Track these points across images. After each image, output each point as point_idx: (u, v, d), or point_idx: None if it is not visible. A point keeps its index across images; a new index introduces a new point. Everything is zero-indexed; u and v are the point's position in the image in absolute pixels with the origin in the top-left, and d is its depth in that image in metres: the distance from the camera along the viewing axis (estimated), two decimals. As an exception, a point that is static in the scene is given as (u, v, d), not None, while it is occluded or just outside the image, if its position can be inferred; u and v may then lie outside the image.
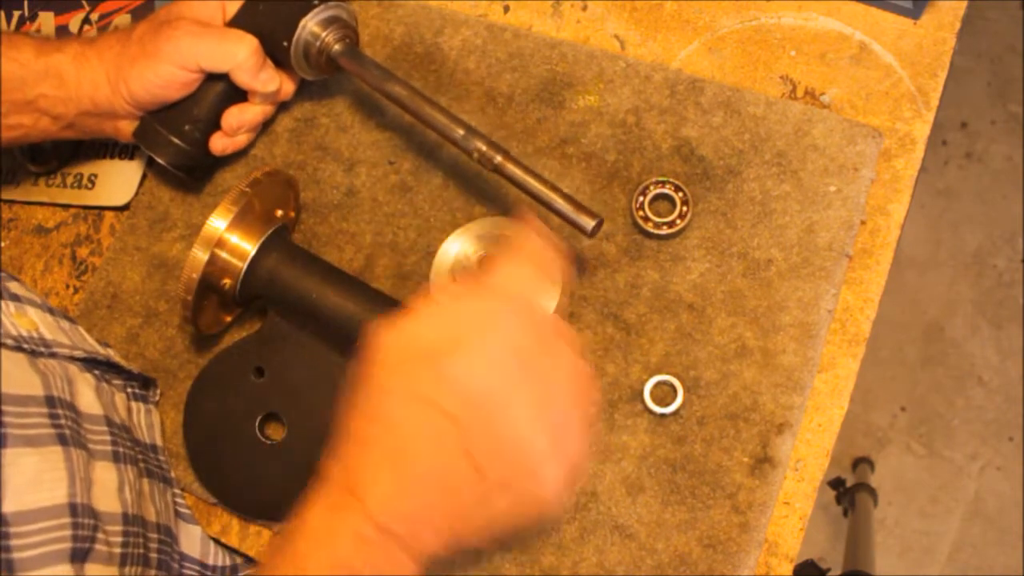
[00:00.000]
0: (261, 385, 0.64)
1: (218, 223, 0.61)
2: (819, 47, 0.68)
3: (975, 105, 1.83)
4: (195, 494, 0.67)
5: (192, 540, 0.65)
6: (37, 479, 0.48)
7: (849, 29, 0.68)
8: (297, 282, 0.63)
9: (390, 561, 0.44)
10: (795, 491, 0.59)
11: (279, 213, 0.67)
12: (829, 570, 1.31)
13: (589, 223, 0.56)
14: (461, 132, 0.61)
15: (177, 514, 0.65)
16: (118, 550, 0.53)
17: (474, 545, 0.46)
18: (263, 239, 0.63)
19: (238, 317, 0.70)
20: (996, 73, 1.84)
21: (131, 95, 0.66)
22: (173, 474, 0.67)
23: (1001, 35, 1.85)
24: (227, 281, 0.63)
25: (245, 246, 0.63)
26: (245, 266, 0.63)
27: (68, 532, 0.48)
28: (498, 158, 0.59)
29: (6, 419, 0.48)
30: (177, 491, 0.66)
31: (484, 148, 0.60)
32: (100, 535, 0.51)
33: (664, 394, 0.61)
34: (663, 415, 0.60)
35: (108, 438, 0.57)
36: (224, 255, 0.62)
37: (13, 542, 0.45)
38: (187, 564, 0.64)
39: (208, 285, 0.62)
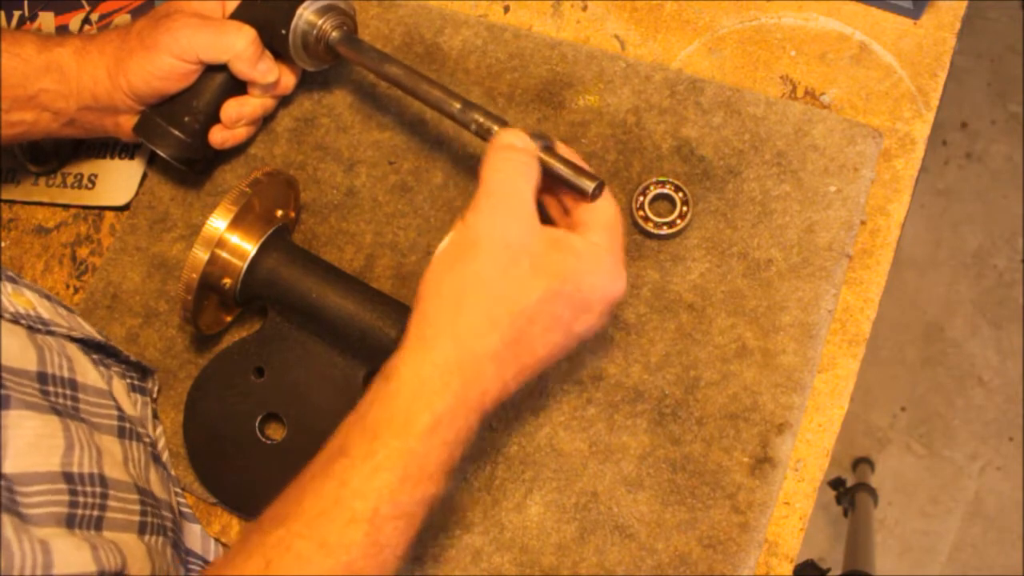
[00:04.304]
0: (261, 385, 0.64)
1: (218, 223, 0.61)
2: (819, 47, 0.68)
3: (975, 105, 1.83)
4: (195, 494, 0.67)
5: (194, 538, 0.65)
6: (36, 444, 0.48)
7: (849, 29, 0.68)
8: (297, 282, 0.63)
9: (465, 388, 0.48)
10: (795, 491, 0.59)
11: (279, 213, 0.67)
12: (829, 570, 1.31)
13: (589, 186, 0.56)
14: (458, 106, 0.61)
15: (179, 512, 0.65)
16: (136, 518, 0.53)
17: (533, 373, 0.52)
18: (263, 239, 0.63)
19: (238, 317, 0.70)
20: (996, 73, 1.84)
21: (131, 88, 0.67)
22: (173, 473, 0.67)
23: (1001, 35, 1.85)
24: (227, 281, 0.63)
25: (245, 246, 0.63)
26: (245, 266, 0.63)
27: (65, 498, 0.49)
28: (496, 128, 0.59)
29: (8, 383, 0.48)
30: (178, 490, 0.66)
31: (481, 119, 0.60)
32: (113, 503, 0.52)
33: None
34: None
35: (114, 412, 0.58)
36: (224, 255, 0.62)
37: (19, 499, 0.46)
38: (191, 559, 0.64)
39: (208, 285, 0.62)
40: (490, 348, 0.48)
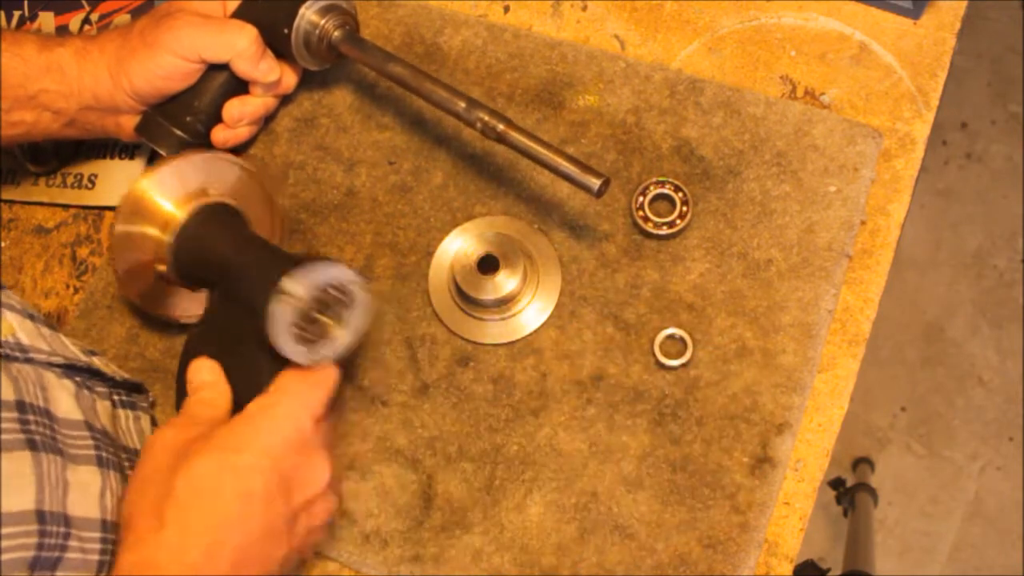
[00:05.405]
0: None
1: (138, 188, 0.61)
2: (819, 47, 0.68)
3: (975, 105, 1.83)
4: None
5: None
6: (7, 483, 0.47)
7: (849, 29, 0.68)
8: (209, 251, 0.61)
9: None
10: (795, 491, 0.59)
11: (215, 192, 0.65)
12: (829, 570, 1.31)
13: (595, 183, 0.56)
14: (463, 105, 0.61)
15: None
16: (95, 557, 0.53)
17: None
18: (191, 212, 0.62)
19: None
20: (996, 73, 1.84)
21: (132, 87, 0.66)
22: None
23: (1001, 35, 1.85)
24: (160, 262, 0.62)
25: (173, 216, 0.62)
26: (174, 240, 0.62)
27: (33, 540, 0.48)
28: (501, 126, 0.60)
29: None
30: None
31: (486, 118, 0.60)
32: (73, 542, 0.51)
33: (673, 348, 0.62)
34: (673, 367, 0.61)
35: (91, 443, 0.56)
36: (150, 230, 0.62)
37: None
38: None
39: (144, 267, 0.61)
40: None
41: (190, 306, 0.66)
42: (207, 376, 0.57)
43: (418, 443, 0.63)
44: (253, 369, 0.57)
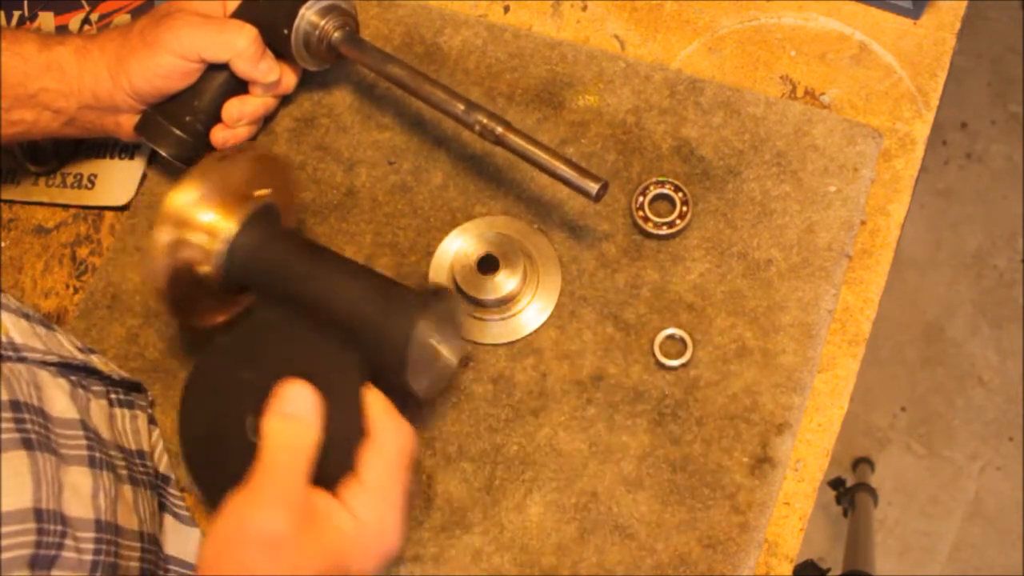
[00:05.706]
0: (252, 382, 0.57)
1: (185, 198, 0.56)
2: (819, 47, 0.68)
3: (975, 105, 1.83)
4: (196, 495, 0.67)
5: (191, 543, 0.65)
6: (6, 483, 0.47)
7: (849, 29, 0.68)
8: (286, 267, 0.57)
9: None
10: (795, 491, 0.59)
11: (261, 193, 0.61)
12: (829, 570, 1.31)
13: (593, 187, 0.56)
14: (462, 107, 0.61)
15: (175, 516, 0.65)
16: (88, 557, 0.52)
17: None
18: (244, 219, 0.58)
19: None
20: (996, 73, 1.84)
21: (132, 86, 0.66)
22: (174, 475, 0.66)
23: (1001, 35, 1.85)
24: (206, 268, 0.58)
25: (224, 224, 0.57)
26: (226, 248, 0.58)
27: (32, 538, 0.48)
28: (499, 129, 0.60)
29: None
30: (175, 492, 0.66)
31: (485, 120, 0.60)
32: (69, 541, 0.51)
33: (673, 348, 0.62)
34: (673, 367, 0.61)
35: (84, 443, 0.56)
36: (197, 238, 0.57)
37: None
38: (173, 568, 0.63)
39: (186, 273, 0.58)
40: None
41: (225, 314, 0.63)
42: (301, 408, 0.51)
43: (417, 443, 0.63)
44: (341, 398, 0.54)
